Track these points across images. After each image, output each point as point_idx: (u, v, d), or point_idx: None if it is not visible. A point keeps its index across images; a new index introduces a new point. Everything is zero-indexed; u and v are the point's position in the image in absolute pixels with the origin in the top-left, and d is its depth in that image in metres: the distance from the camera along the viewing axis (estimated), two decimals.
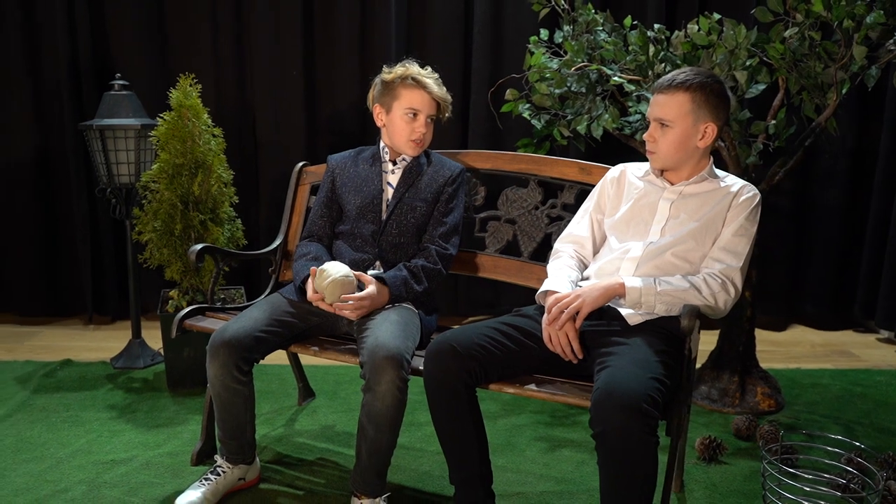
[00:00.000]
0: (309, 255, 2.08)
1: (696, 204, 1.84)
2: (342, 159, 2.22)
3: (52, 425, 2.43)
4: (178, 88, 2.65)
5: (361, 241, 2.10)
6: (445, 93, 2.15)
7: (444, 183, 2.13)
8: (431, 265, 2.06)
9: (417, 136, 2.09)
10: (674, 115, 1.78)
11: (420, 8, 3.40)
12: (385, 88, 2.13)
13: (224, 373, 1.85)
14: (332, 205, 2.18)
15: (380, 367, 1.72)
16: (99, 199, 3.40)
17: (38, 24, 3.36)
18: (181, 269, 2.69)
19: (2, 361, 3.02)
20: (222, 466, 1.98)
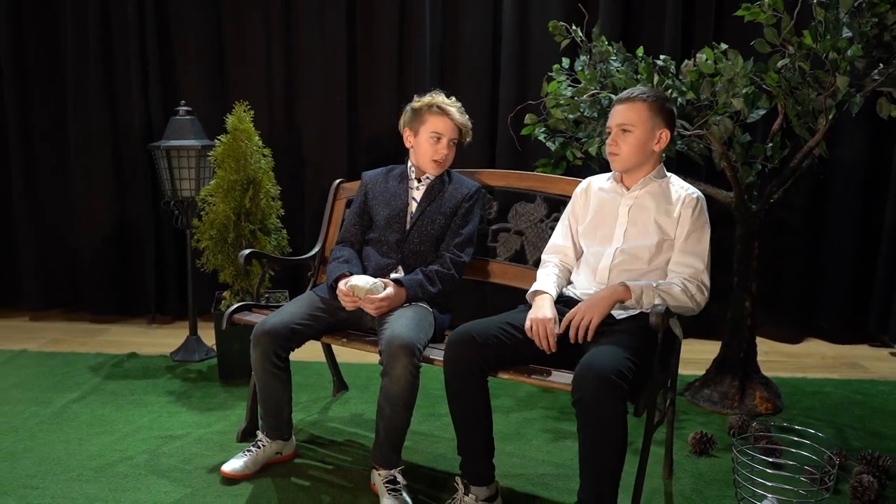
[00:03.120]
0: (341, 258, 2.37)
1: (649, 210, 2.06)
2: (374, 176, 2.51)
3: (119, 406, 2.79)
4: (234, 114, 3.01)
5: (387, 247, 2.39)
6: (466, 120, 2.42)
7: (462, 199, 2.40)
8: (445, 270, 2.33)
9: (440, 157, 2.36)
10: (635, 120, 2.02)
11: (453, 38, 3.72)
12: (414, 115, 2.41)
13: (264, 359, 2.16)
14: (364, 215, 2.47)
15: (394, 354, 2.00)
16: (163, 210, 3.80)
17: (115, 57, 3.80)
18: (233, 273, 3.04)
19: (77, 353, 3.42)
20: (262, 440, 2.29)
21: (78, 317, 4.07)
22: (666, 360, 2.00)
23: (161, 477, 2.23)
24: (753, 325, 2.90)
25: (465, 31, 3.68)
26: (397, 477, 2.10)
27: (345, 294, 2.21)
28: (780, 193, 2.84)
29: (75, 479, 2.20)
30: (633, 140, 2.04)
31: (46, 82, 3.91)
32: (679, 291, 1.95)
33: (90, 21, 3.75)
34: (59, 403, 2.79)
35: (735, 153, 2.84)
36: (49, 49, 3.89)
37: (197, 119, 3.32)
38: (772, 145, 2.82)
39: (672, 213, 2.04)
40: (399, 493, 2.07)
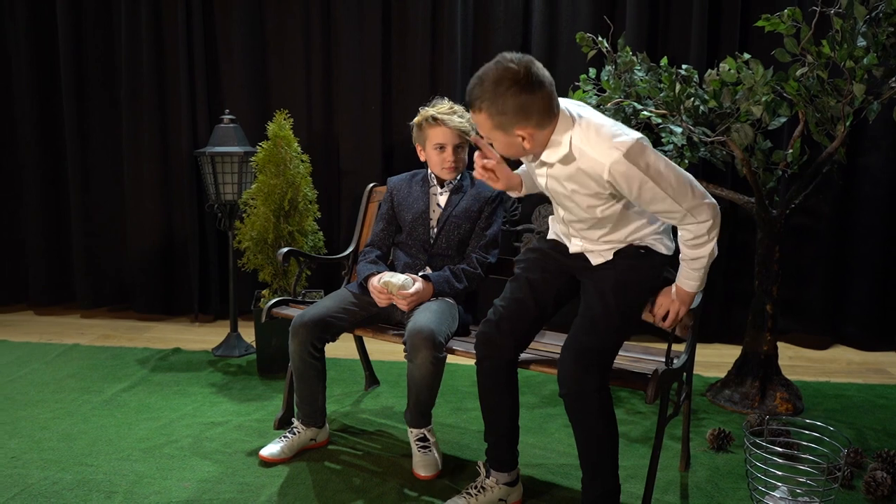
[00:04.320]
0: (369, 258, 2.52)
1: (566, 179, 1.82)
2: (399, 181, 2.64)
3: (165, 396, 2.96)
4: (275, 122, 3.19)
5: (415, 249, 2.52)
6: (463, 122, 2.44)
7: (485, 202, 2.51)
8: (472, 269, 2.46)
9: (448, 165, 2.46)
10: (485, 132, 1.78)
11: (483, 51, 3.86)
12: (418, 130, 2.53)
13: (302, 349, 2.31)
14: (392, 220, 2.60)
15: (416, 345, 2.14)
16: (207, 214, 4.00)
17: (165, 68, 4.03)
18: (272, 272, 3.20)
19: (126, 348, 3.63)
20: (298, 427, 2.44)
21: (125, 315, 4.30)
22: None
23: (204, 459, 2.39)
24: (774, 327, 2.96)
25: (496, 43, 3.81)
26: (426, 435, 2.30)
27: (378, 290, 2.35)
28: (800, 199, 2.90)
29: (125, 459, 2.37)
30: (499, 148, 1.83)
31: (101, 95, 4.15)
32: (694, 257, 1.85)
33: (143, 36, 3.99)
34: (109, 392, 2.98)
35: (756, 159, 2.91)
36: (105, 64, 4.14)
37: (240, 127, 3.51)
38: (792, 152, 2.89)
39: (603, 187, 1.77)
40: (428, 449, 2.28)
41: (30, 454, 2.40)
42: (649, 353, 2.28)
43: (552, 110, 1.73)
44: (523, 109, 1.68)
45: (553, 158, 1.79)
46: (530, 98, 1.68)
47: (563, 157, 1.77)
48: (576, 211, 1.90)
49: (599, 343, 1.83)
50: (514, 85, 1.66)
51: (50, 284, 4.34)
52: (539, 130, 1.73)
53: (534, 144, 1.76)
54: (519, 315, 1.99)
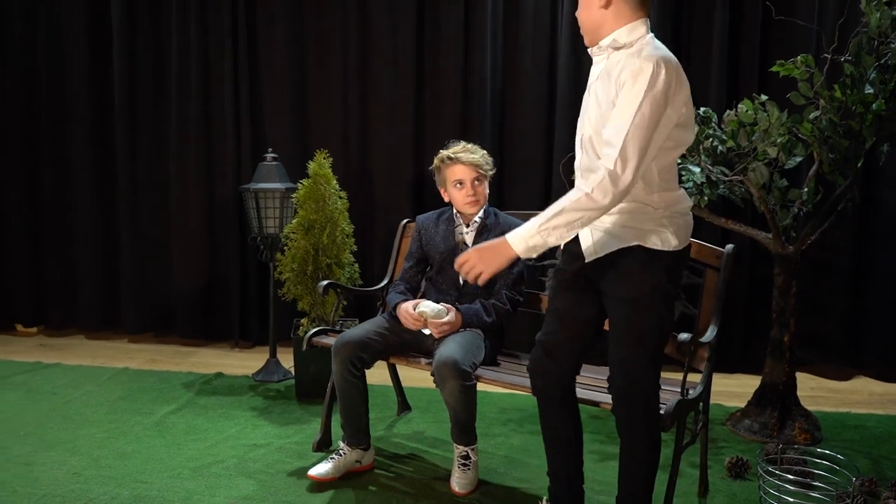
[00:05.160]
0: (398, 289, 2.71)
1: (609, 78, 1.80)
2: (426, 220, 2.79)
3: (210, 418, 3.15)
4: (315, 161, 3.40)
5: (445, 286, 2.69)
6: (479, 157, 2.64)
7: None
8: (502, 304, 2.61)
9: (469, 199, 2.63)
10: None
11: (512, 95, 4.05)
12: (437, 174, 2.72)
13: (344, 368, 2.48)
14: (421, 258, 2.77)
15: (443, 375, 2.31)
16: (248, 246, 4.22)
17: (211, 109, 4.30)
18: (310, 302, 3.39)
19: (171, 372, 3.84)
20: (343, 448, 2.59)
21: (169, 340, 4.52)
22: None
23: (249, 478, 2.56)
24: (792, 359, 3.06)
25: (521, 86, 4.01)
26: (469, 454, 2.45)
27: (413, 317, 2.52)
28: (816, 235, 3.02)
29: (176, 477, 2.56)
30: (580, 11, 1.88)
31: (152, 134, 4.43)
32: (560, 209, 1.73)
33: (192, 81, 4.27)
34: (158, 414, 3.18)
35: (773, 197, 3.04)
36: (155, 106, 4.42)
37: (282, 165, 3.73)
38: (807, 190, 3.01)
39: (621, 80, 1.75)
40: (468, 467, 2.43)
41: (89, 471, 2.59)
42: (666, 383, 2.40)
43: (640, 7, 1.81)
44: None
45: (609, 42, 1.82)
46: None
47: (617, 43, 1.80)
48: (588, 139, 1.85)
49: (637, 385, 1.87)
50: None
51: (99, 310, 4.59)
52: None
53: (604, 3, 1.79)
54: (559, 345, 2.00)
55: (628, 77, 1.71)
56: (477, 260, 1.83)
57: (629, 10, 1.81)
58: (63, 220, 4.59)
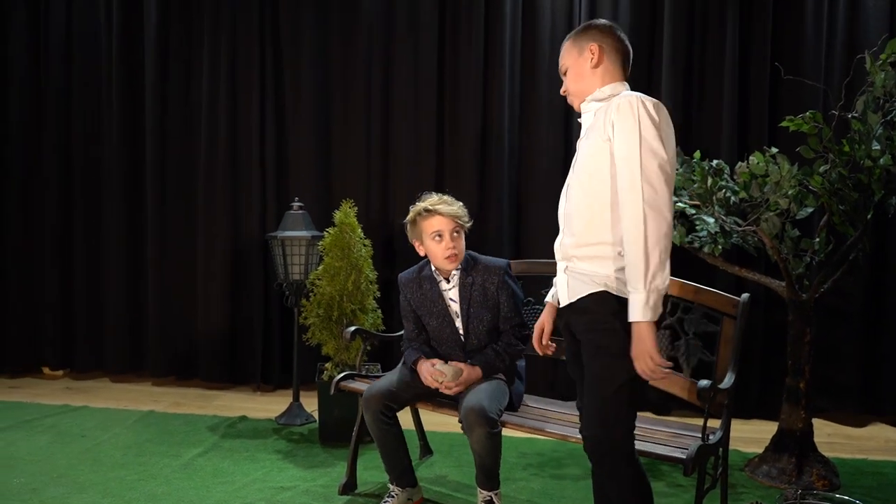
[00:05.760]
0: (417, 347, 2.72)
1: (593, 128, 1.93)
2: (408, 281, 2.72)
3: (236, 461, 3.22)
4: (341, 210, 3.53)
5: (448, 349, 2.69)
6: (457, 208, 2.61)
7: (497, 286, 2.62)
8: (513, 346, 2.64)
9: (449, 253, 2.56)
10: (565, 59, 2.03)
11: (529, 145, 4.20)
12: (412, 227, 2.65)
13: (376, 417, 2.56)
14: (417, 318, 2.73)
15: (471, 423, 2.37)
16: (270, 292, 4.34)
17: (239, 159, 4.46)
18: (335, 347, 3.48)
19: (196, 415, 3.91)
20: (394, 490, 2.66)
21: (192, 383, 4.60)
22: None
23: None
24: (808, 405, 3.11)
25: (540, 137, 4.16)
26: (493, 499, 2.48)
27: (432, 376, 2.55)
28: (829, 283, 3.10)
29: None
30: (571, 74, 2.03)
31: (180, 181, 4.59)
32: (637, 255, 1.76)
33: (221, 132, 4.45)
34: (186, 456, 3.25)
35: (786, 246, 3.13)
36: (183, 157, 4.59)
37: (307, 213, 3.86)
38: (819, 240, 3.11)
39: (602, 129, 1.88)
40: None
41: None
42: (687, 428, 2.47)
43: (620, 64, 1.99)
44: (601, 32, 1.99)
45: (595, 96, 1.97)
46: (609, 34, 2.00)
47: (602, 96, 1.96)
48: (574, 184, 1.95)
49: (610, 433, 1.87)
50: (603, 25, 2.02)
51: (125, 353, 4.68)
52: (608, 54, 1.96)
53: (595, 62, 1.96)
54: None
55: (616, 115, 1.84)
56: (640, 355, 1.79)
57: (614, 69, 1.99)
58: (91, 266, 4.72)
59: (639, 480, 1.91)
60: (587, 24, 2.06)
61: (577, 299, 1.93)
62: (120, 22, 4.57)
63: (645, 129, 1.79)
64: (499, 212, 4.16)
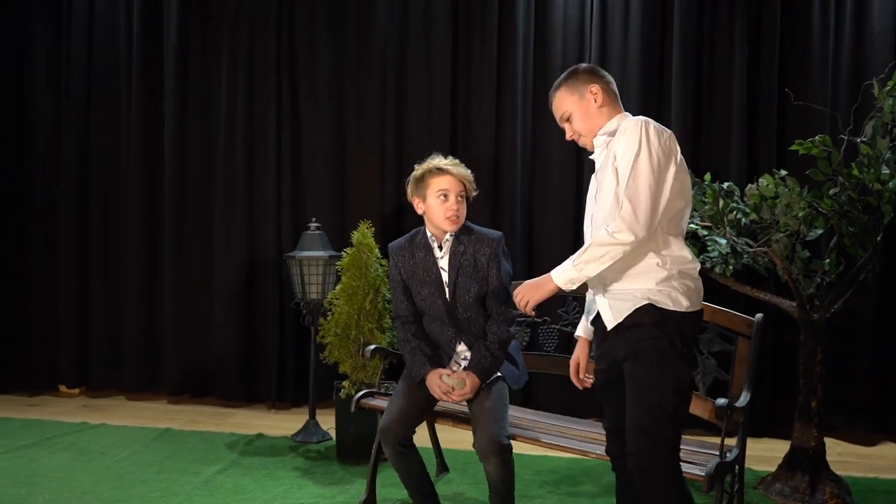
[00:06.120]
0: (417, 349, 2.63)
1: (607, 159, 2.04)
2: (400, 249, 2.67)
3: (256, 478, 3.26)
4: (359, 230, 3.60)
5: (439, 322, 2.65)
6: (468, 173, 2.62)
7: (489, 256, 2.59)
8: (505, 336, 2.59)
9: (451, 214, 2.54)
10: (565, 105, 2.12)
11: (541, 163, 4.28)
12: (417, 182, 2.61)
13: (394, 450, 2.58)
14: (407, 289, 2.68)
15: (486, 454, 2.42)
16: (288, 310, 4.40)
17: (257, 180, 4.55)
18: (352, 365, 3.54)
19: (213, 432, 3.96)
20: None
21: (207, 401, 4.65)
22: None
23: None
24: (821, 424, 3.15)
25: (552, 161, 4.25)
26: None
27: (443, 390, 2.55)
28: (839, 304, 3.15)
29: None
30: (577, 117, 2.11)
31: (198, 199, 4.67)
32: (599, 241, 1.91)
33: (238, 154, 4.55)
34: (206, 474, 3.29)
35: (796, 267, 3.19)
36: (202, 174, 4.68)
37: (325, 234, 3.94)
38: (829, 261, 3.17)
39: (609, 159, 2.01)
40: None
41: None
42: (704, 446, 2.52)
43: (617, 100, 2.12)
44: (592, 75, 2.11)
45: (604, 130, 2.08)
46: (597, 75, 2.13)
47: (612, 130, 2.06)
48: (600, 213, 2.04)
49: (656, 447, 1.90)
50: (586, 67, 2.16)
51: (141, 371, 4.74)
52: (606, 89, 2.09)
53: (600, 102, 2.08)
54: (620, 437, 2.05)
55: (620, 140, 1.97)
56: (525, 291, 2.05)
57: (614, 103, 2.13)
58: (108, 284, 4.79)
59: (682, 500, 1.93)
60: (572, 69, 2.17)
61: (625, 317, 1.98)
62: (140, 40, 4.68)
63: (643, 149, 1.92)
64: (512, 227, 4.23)
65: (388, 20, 4.44)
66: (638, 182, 1.90)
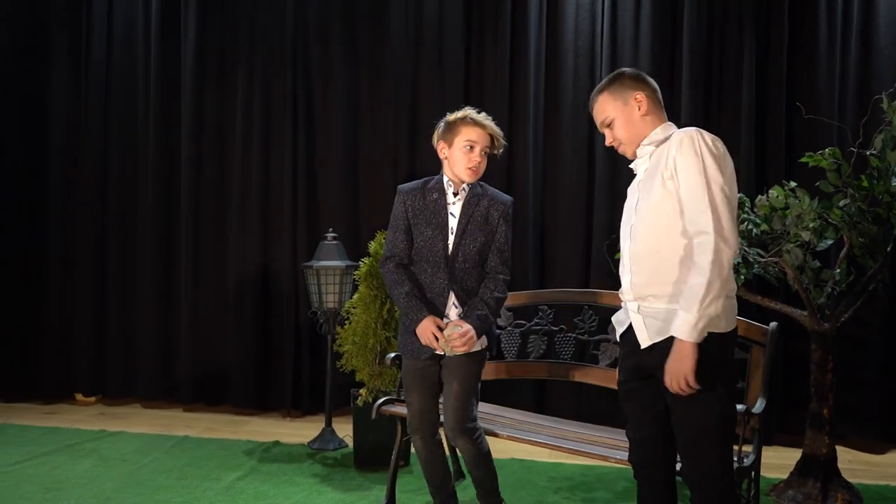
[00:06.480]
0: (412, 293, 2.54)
1: (653, 170, 2.00)
2: (412, 190, 2.63)
3: (276, 484, 3.31)
4: (376, 241, 3.66)
5: (433, 268, 2.57)
6: (499, 130, 2.60)
7: (500, 215, 2.60)
8: (500, 295, 2.59)
9: (474, 164, 2.53)
10: (608, 111, 2.09)
11: (552, 176, 4.36)
12: (448, 127, 2.59)
13: (424, 443, 2.64)
14: (408, 230, 2.61)
15: (455, 436, 2.51)
16: (301, 320, 4.46)
17: (272, 193, 4.63)
18: (369, 373, 3.60)
19: (230, 440, 4.02)
20: None
21: (221, 409, 4.70)
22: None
23: None
24: (832, 431, 3.20)
25: (563, 174, 4.32)
26: None
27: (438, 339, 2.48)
28: (850, 313, 3.21)
29: None
30: (619, 124, 2.08)
31: (213, 213, 4.75)
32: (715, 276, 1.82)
33: (254, 167, 4.63)
34: (227, 480, 3.35)
35: (807, 277, 3.26)
36: (218, 187, 4.76)
37: (341, 244, 4.01)
38: (839, 271, 3.23)
39: (661, 166, 1.96)
40: None
41: None
42: None
43: (661, 107, 2.09)
44: (637, 81, 2.08)
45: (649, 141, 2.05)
46: (640, 77, 2.10)
47: (658, 140, 2.04)
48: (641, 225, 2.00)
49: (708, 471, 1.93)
50: (632, 72, 2.11)
51: (156, 380, 4.79)
52: (651, 101, 2.06)
53: (644, 110, 2.04)
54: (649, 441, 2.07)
55: (677, 151, 1.92)
56: (675, 371, 1.88)
57: (659, 112, 2.09)
58: (125, 294, 4.85)
59: None
60: (618, 73, 2.13)
61: (661, 340, 1.95)
62: (158, 55, 4.77)
63: (707, 161, 1.89)
64: (524, 241, 4.29)
65: (402, 33, 4.52)
66: (715, 195, 1.86)
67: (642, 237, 2.01)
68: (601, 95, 2.11)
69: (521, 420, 3.05)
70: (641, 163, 2.09)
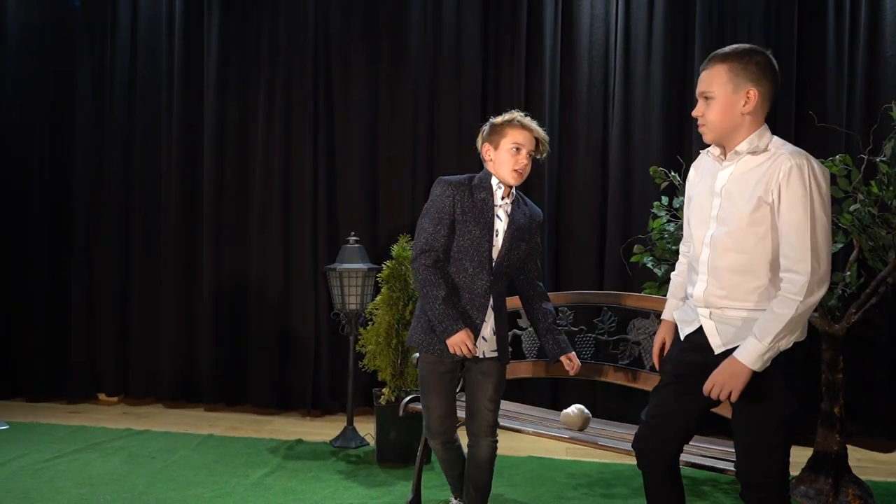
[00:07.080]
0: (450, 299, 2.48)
1: (745, 182, 1.87)
2: (460, 185, 2.52)
3: (302, 481, 3.42)
4: (398, 244, 3.77)
5: (477, 268, 2.50)
6: (545, 134, 2.57)
7: (536, 226, 2.66)
8: (552, 310, 2.76)
9: (520, 167, 2.49)
10: (714, 86, 1.90)
11: (567, 180, 4.46)
12: (493, 129, 2.56)
13: (442, 445, 2.72)
14: (452, 224, 2.50)
15: (484, 436, 2.59)
16: (321, 320, 4.56)
17: (293, 198, 4.74)
18: (392, 372, 3.70)
19: (254, 438, 4.12)
20: (454, 502, 2.86)
21: (242, 409, 4.81)
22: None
23: None
24: (843, 429, 3.30)
25: (578, 178, 4.43)
26: None
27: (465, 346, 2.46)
28: (860, 315, 3.31)
29: None
30: (716, 107, 1.91)
31: (236, 217, 4.86)
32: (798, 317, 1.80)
33: (276, 172, 4.74)
34: (254, 477, 3.45)
35: None
36: (239, 196, 4.87)
37: (363, 247, 4.12)
38: (850, 274, 3.33)
39: (767, 188, 1.84)
40: None
41: None
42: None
43: (766, 109, 1.93)
44: (761, 74, 1.88)
45: (748, 147, 1.90)
46: (770, 71, 1.91)
47: (756, 148, 1.89)
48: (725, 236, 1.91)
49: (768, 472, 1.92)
50: (764, 61, 1.91)
51: (178, 380, 4.90)
52: (761, 101, 1.89)
53: (748, 110, 1.88)
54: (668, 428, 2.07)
55: (784, 181, 1.82)
56: (724, 382, 1.87)
57: (762, 115, 1.94)
58: (148, 296, 4.96)
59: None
60: (750, 51, 1.91)
61: (735, 347, 1.91)
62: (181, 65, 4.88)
63: (815, 200, 1.80)
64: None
65: (421, 41, 4.64)
66: (818, 235, 1.79)
67: (725, 252, 1.93)
68: (719, 65, 1.92)
69: (541, 417, 3.15)
70: (728, 164, 1.95)
